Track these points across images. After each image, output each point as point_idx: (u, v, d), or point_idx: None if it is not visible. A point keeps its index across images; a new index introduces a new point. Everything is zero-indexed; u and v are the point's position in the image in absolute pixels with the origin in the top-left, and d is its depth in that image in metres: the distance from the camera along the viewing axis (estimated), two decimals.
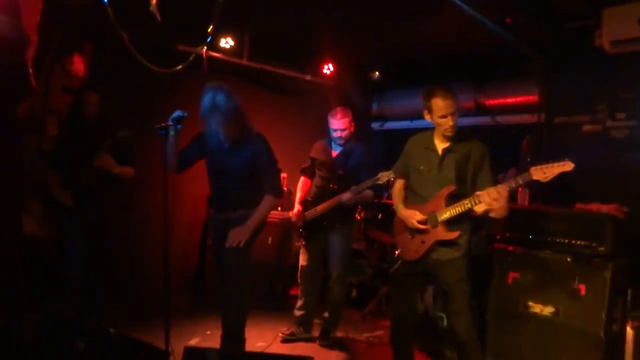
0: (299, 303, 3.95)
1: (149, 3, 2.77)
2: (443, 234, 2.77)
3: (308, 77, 5.59)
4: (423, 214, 2.82)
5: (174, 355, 2.66)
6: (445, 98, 2.76)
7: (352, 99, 6.16)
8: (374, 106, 6.51)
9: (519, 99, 5.02)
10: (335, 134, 3.80)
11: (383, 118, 6.56)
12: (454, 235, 2.76)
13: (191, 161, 3.14)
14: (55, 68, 4.03)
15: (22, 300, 3.35)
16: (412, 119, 6.19)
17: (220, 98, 2.83)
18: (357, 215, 5.10)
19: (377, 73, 6.10)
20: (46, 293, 3.49)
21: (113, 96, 3.80)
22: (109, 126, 3.52)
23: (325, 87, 5.80)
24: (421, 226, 2.81)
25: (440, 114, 2.77)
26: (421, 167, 2.89)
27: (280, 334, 3.86)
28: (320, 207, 3.73)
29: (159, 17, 2.83)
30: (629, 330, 3.28)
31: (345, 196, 3.58)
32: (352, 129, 3.84)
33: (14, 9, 3.34)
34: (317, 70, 5.70)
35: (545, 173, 2.51)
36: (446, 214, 2.75)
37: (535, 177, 2.54)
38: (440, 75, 5.57)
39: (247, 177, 2.99)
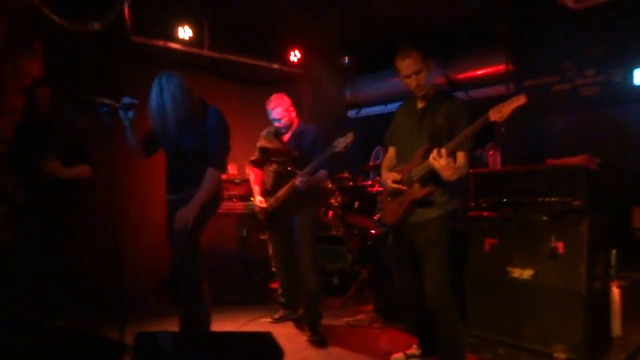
0: (279, 292, 3.99)
1: None
2: (417, 191, 2.67)
3: (275, 66, 5.42)
4: (402, 175, 2.74)
5: None
6: (404, 58, 2.69)
7: (323, 87, 6.03)
8: (347, 93, 6.34)
9: (489, 70, 4.90)
10: (276, 124, 3.65)
11: (358, 105, 6.39)
12: (425, 191, 2.64)
13: (158, 142, 2.99)
14: (7, 69, 3.90)
15: None
16: (386, 102, 6.05)
17: (167, 97, 2.74)
18: (333, 200, 4.96)
19: (346, 58, 5.95)
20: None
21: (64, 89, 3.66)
22: (63, 118, 3.37)
23: (294, 75, 5.64)
24: (396, 186, 2.73)
25: (403, 74, 2.72)
26: (404, 131, 2.84)
27: (270, 319, 3.94)
28: (281, 193, 3.54)
29: None
30: (615, 290, 3.16)
31: (298, 181, 3.38)
32: (291, 114, 3.65)
33: None
34: (284, 58, 5.53)
35: (501, 111, 2.40)
36: (418, 172, 2.65)
37: (492, 118, 2.42)
38: None
39: (200, 154, 2.84)
